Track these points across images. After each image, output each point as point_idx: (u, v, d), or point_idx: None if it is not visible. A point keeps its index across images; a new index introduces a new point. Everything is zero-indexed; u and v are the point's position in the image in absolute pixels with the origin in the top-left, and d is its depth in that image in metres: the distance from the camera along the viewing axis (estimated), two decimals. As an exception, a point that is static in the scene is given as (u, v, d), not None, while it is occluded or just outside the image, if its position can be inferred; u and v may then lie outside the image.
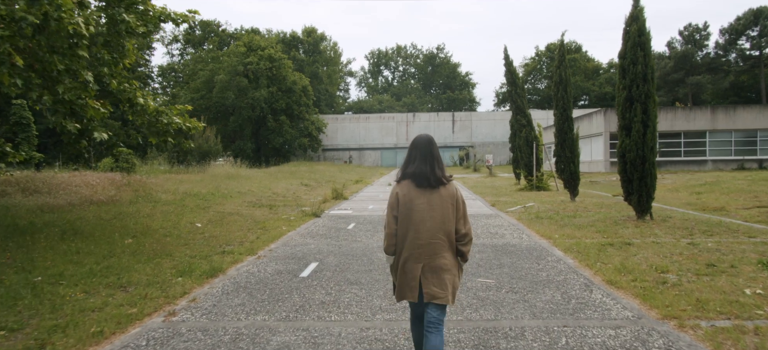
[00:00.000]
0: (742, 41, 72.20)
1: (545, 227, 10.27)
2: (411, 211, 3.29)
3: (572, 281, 6.08)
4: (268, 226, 11.26)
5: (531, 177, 19.34)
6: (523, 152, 19.46)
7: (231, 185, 20.23)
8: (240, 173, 25.50)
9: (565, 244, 8.38)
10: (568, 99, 14.88)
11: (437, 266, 3.27)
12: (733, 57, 72.97)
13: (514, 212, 13.39)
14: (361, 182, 27.98)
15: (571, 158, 14.86)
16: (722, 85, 69.82)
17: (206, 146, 41.27)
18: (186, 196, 15.92)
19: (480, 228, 10.59)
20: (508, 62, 19.97)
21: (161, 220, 11.54)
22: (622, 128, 10.73)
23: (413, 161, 3.37)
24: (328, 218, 12.88)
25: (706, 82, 70.04)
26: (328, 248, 8.52)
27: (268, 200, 17.02)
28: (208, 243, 9.04)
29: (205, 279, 6.38)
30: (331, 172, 36.71)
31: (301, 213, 13.20)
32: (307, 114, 57.59)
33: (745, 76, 71.28)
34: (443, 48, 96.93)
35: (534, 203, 15.03)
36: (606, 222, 10.65)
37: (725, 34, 73.22)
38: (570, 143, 14.87)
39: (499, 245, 8.51)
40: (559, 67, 15.04)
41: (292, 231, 10.61)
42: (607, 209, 13.02)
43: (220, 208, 14.13)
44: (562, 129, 14.95)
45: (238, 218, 12.59)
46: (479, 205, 15.55)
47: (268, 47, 56.49)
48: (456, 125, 62.57)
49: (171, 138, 10.50)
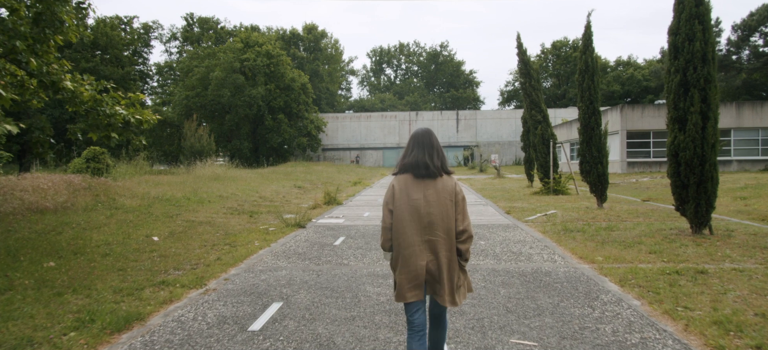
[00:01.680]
0: (755, 38, 69.97)
1: (581, 245, 8.20)
2: (407, 205, 3.15)
3: (656, 346, 4.02)
4: (238, 241, 9.24)
5: (547, 179, 17.26)
6: (539, 152, 17.37)
7: (214, 187, 18.22)
8: (228, 174, 23.49)
9: (616, 272, 6.32)
10: (595, 90, 12.81)
11: (436, 265, 3.14)
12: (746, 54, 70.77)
13: (535, 222, 11.33)
14: (359, 184, 25.93)
15: (599, 159, 12.79)
16: (734, 83, 67.51)
17: (199, 145, 39.39)
18: (156, 201, 13.92)
19: (498, 245, 8.53)
20: (521, 51, 17.89)
21: (111, 233, 9.53)
22: (674, 120, 8.67)
23: (410, 151, 3.24)
24: (315, 229, 10.85)
25: (719, 80, 67.78)
26: (302, 278, 6.48)
27: (251, 206, 15.01)
28: (152, 267, 7.02)
29: (106, 337, 4.34)
30: (329, 173, 34.67)
31: (283, 223, 11.17)
32: (307, 113, 55.51)
33: (757, 74, 68.90)
34: (447, 45, 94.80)
35: (556, 210, 12.97)
36: (655, 238, 8.58)
37: (737, 30, 70.96)
38: (597, 141, 12.80)
39: (529, 274, 6.46)
40: (585, 52, 12.97)
41: (265, 249, 8.57)
42: (646, 219, 10.95)
43: (191, 216, 12.12)
44: (588, 125, 12.88)
45: (207, 229, 10.58)
46: (491, 212, 13.48)
47: (265, 44, 54.45)
48: (460, 123, 60.43)
49: (114, 134, 8.45)
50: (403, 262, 3.16)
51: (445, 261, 3.12)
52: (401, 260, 3.17)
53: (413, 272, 3.12)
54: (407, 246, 3.13)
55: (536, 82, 17.67)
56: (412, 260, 3.12)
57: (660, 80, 72.32)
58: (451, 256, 3.15)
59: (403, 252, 3.15)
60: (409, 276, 3.14)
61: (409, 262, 3.13)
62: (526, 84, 17.68)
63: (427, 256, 3.12)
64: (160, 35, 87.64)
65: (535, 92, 17.55)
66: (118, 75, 40.95)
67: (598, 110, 12.83)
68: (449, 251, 3.14)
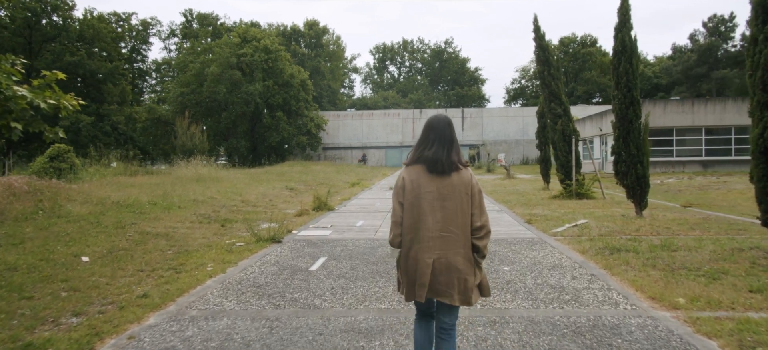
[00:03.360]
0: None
1: (642, 275, 6.05)
2: (419, 199, 2.94)
3: None
4: (188, 263, 7.13)
5: (569, 182, 15.07)
6: (560, 150, 15.17)
7: (192, 190, 16.14)
8: (214, 175, 21.38)
9: (721, 329, 4.17)
10: (633, 74, 10.63)
11: (449, 263, 2.90)
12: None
13: (565, 235, 9.17)
14: (357, 186, 23.79)
15: (638, 158, 10.62)
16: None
17: (191, 143, 37.38)
18: (113, 208, 11.84)
19: (528, 273, 6.39)
20: (539, 36, 15.70)
21: (30, 251, 7.47)
22: (764, 105, 6.51)
23: (430, 145, 3.00)
24: (292, 244, 8.73)
25: (733, 77, 65.29)
26: (247, 334, 4.36)
27: (228, 212, 12.93)
28: (44, 308, 4.95)
29: None
30: (327, 173, 32.54)
31: (254, 237, 9.05)
32: (306, 110, 53.34)
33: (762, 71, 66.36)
34: (452, 42, 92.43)
35: (586, 219, 10.81)
36: (739, 263, 6.41)
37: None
38: (636, 137, 10.63)
39: (586, 330, 4.31)
40: (621, 29, 10.79)
41: (218, 276, 6.46)
42: (706, 233, 8.78)
43: (148, 226, 10.05)
44: (625, 117, 10.70)
45: (159, 244, 8.51)
46: (509, 221, 11.33)
47: (263, 39, 52.33)
48: (466, 121, 58.18)
49: (15, 123, 6.32)
50: (410, 259, 2.95)
51: (460, 258, 2.91)
52: (409, 257, 2.95)
53: (420, 270, 2.90)
54: (417, 242, 2.93)
55: (556, 70, 15.47)
56: (420, 257, 2.91)
57: (671, 77, 69.98)
58: (467, 253, 2.94)
59: (412, 248, 2.94)
60: (415, 274, 2.93)
61: (416, 260, 2.92)
62: (545, 72, 15.48)
63: (435, 253, 2.91)
64: (159, 32, 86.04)
65: (554, 82, 15.35)
66: (107, 69, 38.93)
67: (637, 100, 10.66)
68: (464, 247, 2.93)
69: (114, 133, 37.32)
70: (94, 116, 35.92)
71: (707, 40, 71.08)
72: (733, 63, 67.23)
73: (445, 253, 2.88)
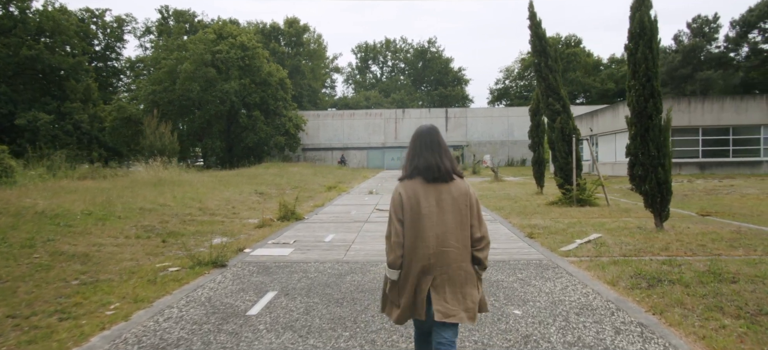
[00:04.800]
0: (754, 34, 67.31)
1: (712, 325, 4.32)
2: (418, 215, 2.76)
3: None
4: (87, 302, 5.25)
5: (569, 186, 13.41)
6: (559, 150, 13.50)
7: (142, 196, 14.13)
8: (176, 178, 19.31)
9: None
10: (653, 61, 8.96)
11: (451, 278, 2.74)
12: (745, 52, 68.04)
13: (579, 255, 7.45)
14: (334, 190, 21.92)
15: (659, 160, 8.95)
16: (732, 81, 64.54)
17: (160, 144, 35.12)
18: (33, 219, 9.82)
19: (547, 316, 4.63)
20: (534, 23, 14.02)
21: None
22: None
23: (419, 154, 2.88)
24: (238, 269, 6.86)
25: (717, 78, 64.94)
26: None
27: (177, 223, 11.02)
28: None
29: None
30: (303, 175, 30.58)
31: (191, 260, 7.16)
32: (285, 110, 51.22)
33: (755, 72, 66.11)
34: (435, 42, 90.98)
35: (598, 233, 9.12)
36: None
37: (736, 26, 68.27)
38: (656, 135, 8.95)
39: None
40: (639, 8, 9.12)
41: (113, 328, 4.59)
42: (753, 253, 7.13)
43: (68, 243, 8.11)
44: (644, 112, 9.03)
45: (71, 269, 6.61)
46: (506, 234, 9.59)
47: (240, 35, 50.12)
48: (449, 122, 56.60)
49: None
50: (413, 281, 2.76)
51: (462, 273, 2.76)
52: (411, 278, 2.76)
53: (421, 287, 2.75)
54: (418, 259, 2.74)
55: (554, 62, 13.79)
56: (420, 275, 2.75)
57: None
58: (468, 267, 2.79)
59: (413, 266, 2.75)
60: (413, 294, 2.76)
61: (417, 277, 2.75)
62: (541, 64, 13.79)
63: (437, 270, 2.74)
64: (134, 29, 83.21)
65: (552, 74, 13.67)
66: (69, 65, 36.41)
67: (657, 91, 8.99)
68: (466, 261, 2.78)
69: (76, 132, 34.82)
70: (55, 114, 33.38)
71: (691, 41, 70.68)
72: (717, 64, 66.81)
73: (448, 269, 2.75)
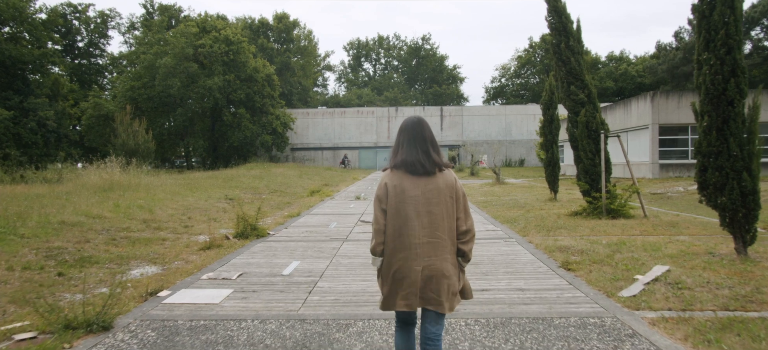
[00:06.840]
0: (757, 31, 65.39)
1: None
2: (404, 204, 2.79)
3: None
4: None
5: (597, 193, 11.01)
6: (584, 150, 11.10)
7: (75, 205, 11.62)
8: (132, 182, 16.74)
9: None
10: (736, 26, 6.59)
11: (436, 269, 2.78)
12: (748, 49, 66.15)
13: (654, 308, 5.06)
14: (318, 194, 19.44)
15: (743, 161, 6.56)
16: (735, 79, 62.42)
17: (133, 143, 32.48)
18: None
19: None
20: (551, -3, 11.65)
21: None
22: None
23: (401, 147, 2.88)
24: (124, 337, 4.40)
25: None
26: None
27: (101, 243, 8.54)
28: None
29: None
30: (287, 177, 28.06)
31: (46, 320, 4.66)
32: (272, 108, 48.61)
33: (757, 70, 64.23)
34: (429, 39, 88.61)
35: (663, 265, 6.71)
36: None
37: (739, 23, 66.15)
38: (738, 128, 6.57)
39: None
40: (710, -42, 6.74)
41: None
42: None
43: None
44: (723, 95, 6.64)
45: None
46: (529, 262, 7.17)
47: (224, 29, 47.46)
48: (445, 120, 54.19)
49: None
50: (394, 268, 2.82)
51: (448, 265, 2.82)
52: (393, 265, 2.82)
53: (407, 279, 2.79)
54: (402, 249, 2.79)
55: (577, 43, 11.40)
56: (406, 265, 2.79)
57: (656, 76, 67.24)
58: (453, 259, 2.86)
59: (397, 256, 2.81)
60: (401, 283, 2.80)
61: (402, 268, 2.80)
62: (561, 44, 11.37)
63: (423, 261, 2.78)
64: (118, 25, 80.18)
65: (574, 57, 11.25)
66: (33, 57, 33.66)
67: (741, 67, 6.61)
68: (451, 253, 2.84)
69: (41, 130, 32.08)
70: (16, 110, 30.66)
71: (692, 38, 68.70)
72: (720, 62, 64.60)
73: (434, 260, 2.78)
